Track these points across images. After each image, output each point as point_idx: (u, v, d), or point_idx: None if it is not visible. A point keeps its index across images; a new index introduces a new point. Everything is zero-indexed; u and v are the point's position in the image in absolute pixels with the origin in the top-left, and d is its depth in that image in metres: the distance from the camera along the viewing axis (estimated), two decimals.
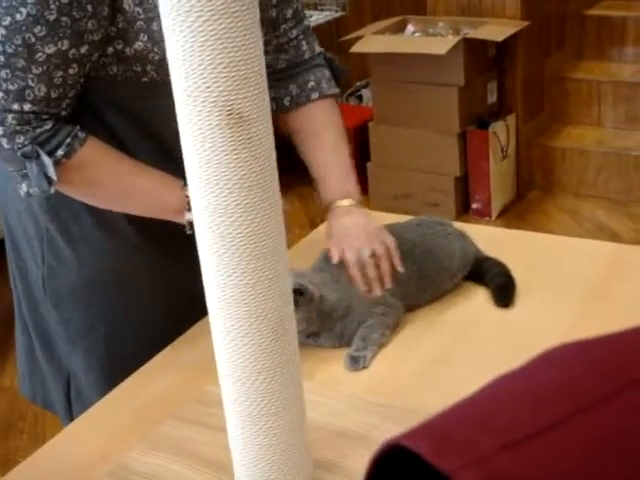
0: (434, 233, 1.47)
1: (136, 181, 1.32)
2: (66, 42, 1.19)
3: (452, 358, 1.30)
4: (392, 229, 1.42)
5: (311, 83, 1.48)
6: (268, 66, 1.42)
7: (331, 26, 4.32)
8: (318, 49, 1.51)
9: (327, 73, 1.50)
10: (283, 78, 1.47)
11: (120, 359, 1.41)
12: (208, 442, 1.15)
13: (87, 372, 1.45)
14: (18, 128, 1.23)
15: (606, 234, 3.55)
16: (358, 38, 3.74)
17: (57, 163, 1.24)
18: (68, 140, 1.25)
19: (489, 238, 1.62)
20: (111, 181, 1.31)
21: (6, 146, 1.24)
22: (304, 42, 1.48)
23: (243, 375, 0.95)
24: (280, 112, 1.48)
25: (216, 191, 0.86)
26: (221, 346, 0.94)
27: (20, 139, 1.23)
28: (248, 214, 0.87)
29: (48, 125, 1.24)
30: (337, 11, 4.19)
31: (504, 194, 3.84)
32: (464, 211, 3.84)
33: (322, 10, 4.17)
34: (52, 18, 1.17)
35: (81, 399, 1.46)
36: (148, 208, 1.34)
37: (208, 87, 0.82)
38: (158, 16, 1.14)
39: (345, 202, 1.41)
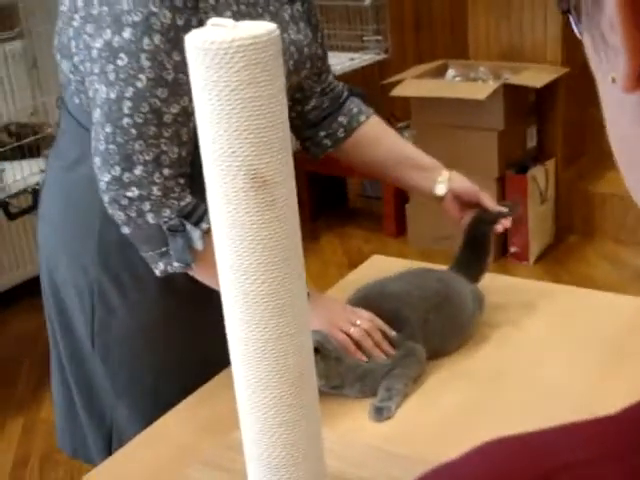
0: (442, 279, 1.50)
1: None
2: (186, 98, 1.22)
3: (475, 410, 1.32)
4: (413, 277, 1.46)
5: (354, 109, 1.59)
6: (315, 108, 1.54)
7: (374, 69, 4.37)
8: (340, 87, 1.62)
9: (357, 99, 1.62)
10: (329, 114, 1.57)
11: (165, 409, 1.40)
12: None
13: (132, 425, 1.45)
14: (164, 201, 1.25)
15: None
16: (400, 81, 3.79)
17: (203, 233, 1.25)
18: (203, 212, 1.26)
19: (521, 290, 1.64)
20: None
21: (151, 221, 1.25)
22: (337, 82, 1.61)
23: (264, 427, 0.98)
24: (337, 145, 1.58)
25: (240, 250, 0.90)
26: (243, 398, 0.98)
27: (167, 212, 1.26)
28: (270, 272, 0.90)
29: (189, 198, 1.27)
30: (380, 54, 4.24)
31: (542, 238, 3.84)
32: (502, 254, 3.84)
33: (365, 53, 4.23)
34: (170, 78, 1.21)
35: None
36: None
37: (234, 152, 0.86)
38: None
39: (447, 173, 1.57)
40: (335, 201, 4.41)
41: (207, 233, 1.24)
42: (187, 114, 1.24)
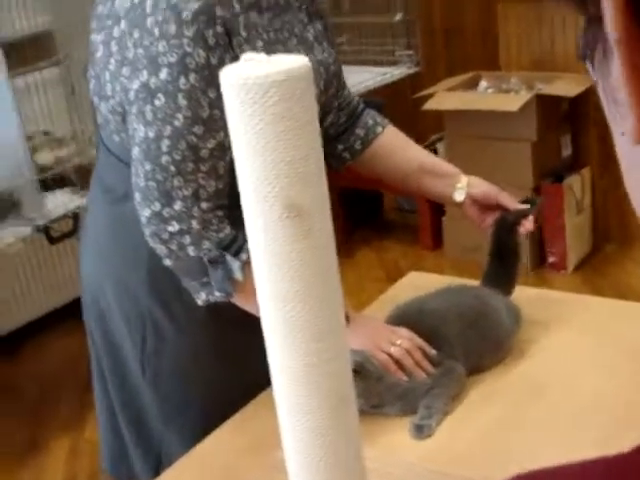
0: (478, 295, 1.51)
1: None
2: (222, 133, 1.25)
3: (515, 426, 1.32)
4: (450, 294, 1.48)
5: (370, 122, 1.60)
6: (333, 124, 1.56)
7: (405, 82, 4.39)
8: (355, 101, 1.64)
9: (373, 111, 1.64)
10: (347, 128, 1.59)
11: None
12: None
13: (181, 449, 1.44)
14: (204, 233, 1.28)
15: None
16: (432, 94, 3.81)
17: (242, 264, 1.28)
18: (241, 243, 1.28)
19: (558, 303, 1.64)
20: None
21: (192, 254, 1.28)
22: (352, 96, 1.63)
23: (306, 449, 1.00)
24: (355, 158, 1.60)
25: (278, 278, 0.92)
26: (285, 422, 1.00)
27: (206, 244, 1.29)
28: (308, 300, 0.92)
29: (228, 230, 1.30)
30: (411, 67, 4.25)
31: (580, 247, 3.83)
32: (540, 264, 3.83)
33: (397, 67, 4.24)
34: (206, 115, 1.25)
35: None
36: None
37: (270, 183, 0.88)
38: None
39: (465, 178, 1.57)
40: (371, 215, 4.43)
41: (247, 263, 1.25)
42: (223, 148, 1.27)
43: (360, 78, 3.74)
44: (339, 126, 1.58)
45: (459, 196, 1.57)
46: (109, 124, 1.40)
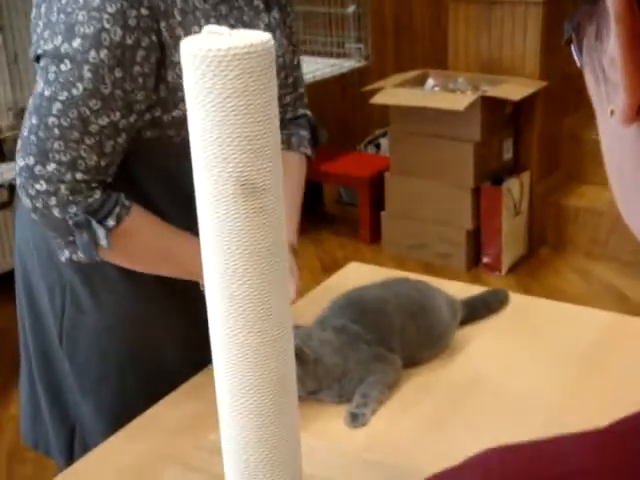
0: (419, 289, 1.52)
1: (172, 247, 1.37)
2: (118, 113, 1.25)
3: (450, 419, 1.33)
4: (391, 286, 1.48)
5: (293, 138, 1.57)
6: None
7: (353, 75, 4.40)
8: (303, 111, 1.60)
9: (306, 134, 1.59)
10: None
11: (130, 408, 1.41)
12: None
13: (96, 422, 1.48)
14: (71, 198, 1.27)
15: (614, 296, 3.57)
16: (379, 89, 3.82)
17: (109, 232, 1.28)
18: (117, 209, 1.29)
19: None
20: (150, 247, 1.37)
21: (58, 215, 1.27)
22: (293, 106, 1.59)
23: (244, 430, 0.99)
24: None
25: (227, 255, 0.91)
26: (223, 401, 0.99)
27: (72, 209, 1.27)
28: (256, 278, 0.91)
29: (97, 194, 1.28)
30: (360, 61, 4.27)
31: (515, 250, 3.88)
32: (475, 264, 3.88)
33: (346, 59, 4.25)
34: (107, 92, 1.23)
35: (86, 450, 1.47)
36: (179, 272, 1.40)
37: (225, 158, 0.87)
38: None
39: None
40: (311, 207, 4.43)
41: (113, 230, 1.28)
42: (116, 129, 1.27)
43: (308, 68, 3.73)
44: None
45: None
46: None
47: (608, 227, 3.88)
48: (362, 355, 1.38)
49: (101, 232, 1.28)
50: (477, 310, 1.60)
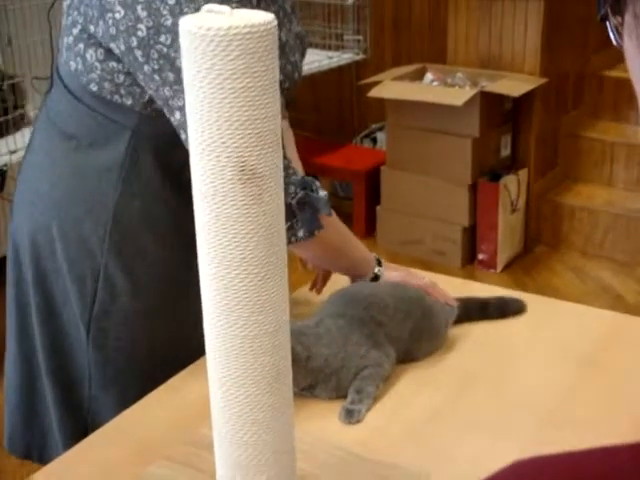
0: (416, 290, 1.50)
1: (353, 240, 1.45)
2: None
3: (446, 416, 1.31)
4: (387, 282, 1.46)
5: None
6: None
7: (351, 68, 4.36)
8: None
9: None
10: None
11: None
12: None
13: (115, 415, 1.38)
14: (286, 180, 1.25)
15: (610, 295, 3.55)
16: (377, 82, 3.79)
17: (327, 198, 1.32)
18: (317, 182, 1.33)
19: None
20: (342, 235, 1.43)
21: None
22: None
23: (236, 425, 0.96)
24: None
25: (223, 243, 0.87)
26: (216, 394, 0.95)
27: (292, 189, 1.29)
28: (253, 267, 0.88)
29: (298, 174, 1.32)
30: (358, 53, 4.23)
31: (511, 247, 3.86)
32: (470, 261, 3.85)
33: (344, 51, 4.21)
34: (169, 23, 1.18)
35: None
36: (351, 269, 1.50)
37: (224, 142, 0.84)
38: None
39: None
40: None
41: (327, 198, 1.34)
42: None
43: (306, 59, 3.70)
44: None
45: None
46: (77, 45, 1.31)
47: (604, 226, 3.86)
48: (360, 337, 1.35)
49: (321, 201, 1.31)
50: (490, 314, 1.57)
